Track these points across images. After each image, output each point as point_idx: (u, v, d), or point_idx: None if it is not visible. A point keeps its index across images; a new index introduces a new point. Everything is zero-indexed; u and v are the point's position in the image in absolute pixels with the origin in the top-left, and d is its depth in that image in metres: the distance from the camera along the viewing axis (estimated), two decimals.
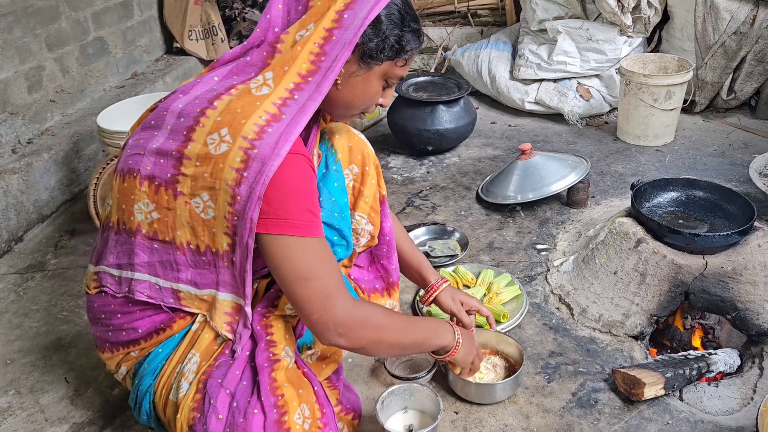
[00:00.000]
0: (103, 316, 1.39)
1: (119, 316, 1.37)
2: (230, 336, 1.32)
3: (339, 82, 1.29)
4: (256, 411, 1.22)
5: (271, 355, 1.30)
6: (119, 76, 3.39)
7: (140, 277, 1.33)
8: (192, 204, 1.23)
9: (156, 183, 1.25)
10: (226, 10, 3.89)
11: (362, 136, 1.61)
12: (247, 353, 1.31)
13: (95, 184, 2.33)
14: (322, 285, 1.23)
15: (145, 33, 3.61)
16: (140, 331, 1.36)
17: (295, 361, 1.35)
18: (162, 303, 1.33)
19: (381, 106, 1.40)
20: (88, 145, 2.82)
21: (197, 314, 1.35)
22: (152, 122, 1.29)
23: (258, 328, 1.33)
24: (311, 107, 1.23)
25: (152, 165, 1.25)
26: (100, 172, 2.34)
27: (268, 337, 1.32)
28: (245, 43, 1.31)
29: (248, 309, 1.30)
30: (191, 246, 1.28)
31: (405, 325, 1.42)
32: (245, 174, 1.17)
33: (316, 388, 1.33)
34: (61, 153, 2.68)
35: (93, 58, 3.18)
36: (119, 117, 2.62)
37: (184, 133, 1.23)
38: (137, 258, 1.31)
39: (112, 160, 2.36)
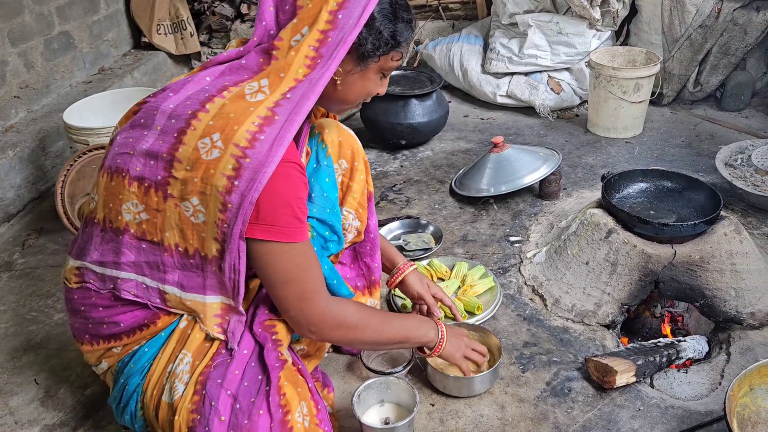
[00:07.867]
0: (82, 308, 1.37)
1: (100, 309, 1.35)
2: (222, 337, 1.32)
3: (338, 81, 1.30)
4: (261, 412, 1.21)
5: (279, 355, 1.31)
6: (86, 71, 3.32)
7: (126, 276, 1.31)
8: (182, 207, 1.22)
9: (146, 185, 1.24)
10: (195, 4, 3.83)
11: (351, 132, 1.60)
12: (245, 352, 1.30)
13: (63, 181, 2.28)
14: (300, 288, 1.28)
15: (112, 27, 3.55)
16: (122, 325, 1.34)
17: (292, 361, 1.36)
18: (149, 302, 1.32)
19: (378, 95, 1.42)
20: (55, 142, 2.76)
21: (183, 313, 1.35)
22: (141, 120, 1.26)
23: (259, 330, 1.33)
24: (306, 106, 1.21)
25: (142, 166, 1.24)
26: (68, 170, 2.30)
27: (273, 337, 1.33)
28: (241, 48, 1.29)
29: (241, 308, 1.31)
30: (179, 248, 1.27)
31: (382, 324, 1.45)
32: (236, 183, 1.16)
33: (310, 385, 1.34)
34: (26, 150, 2.62)
35: (58, 53, 3.11)
36: (86, 113, 2.57)
37: (175, 135, 1.20)
38: (123, 257, 1.29)
39: (80, 157, 2.32)
